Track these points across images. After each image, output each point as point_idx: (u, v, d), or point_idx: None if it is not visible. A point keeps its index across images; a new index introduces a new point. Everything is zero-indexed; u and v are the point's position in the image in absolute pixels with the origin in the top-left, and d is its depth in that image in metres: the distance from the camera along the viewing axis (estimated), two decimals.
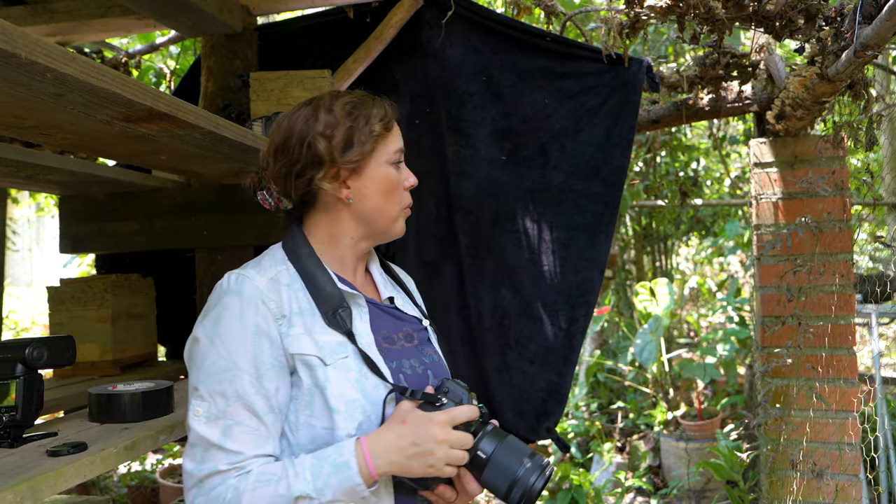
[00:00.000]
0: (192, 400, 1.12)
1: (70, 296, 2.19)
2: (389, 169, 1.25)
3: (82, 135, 1.43)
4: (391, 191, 1.25)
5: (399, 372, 1.21)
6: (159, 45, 3.06)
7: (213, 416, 1.09)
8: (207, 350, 1.12)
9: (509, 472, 1.12)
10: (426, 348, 1.31)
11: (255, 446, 1.09)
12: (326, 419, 1.12)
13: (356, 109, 1.24)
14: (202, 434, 1.08)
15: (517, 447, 1.15)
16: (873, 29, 1.33)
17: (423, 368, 1.25)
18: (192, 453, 1.09)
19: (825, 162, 2.30)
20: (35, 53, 0.95)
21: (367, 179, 1.24)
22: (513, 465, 1.12)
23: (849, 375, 2.25)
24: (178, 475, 4.02)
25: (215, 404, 1.09)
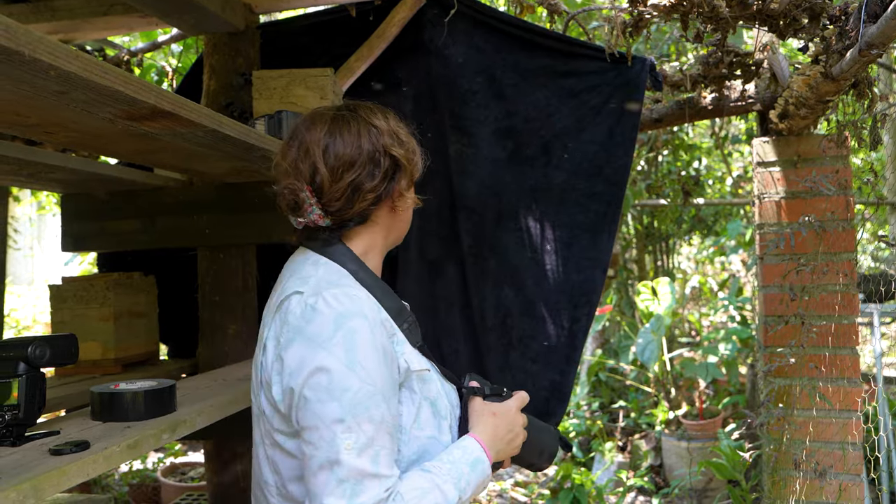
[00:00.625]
0: (337, 434, 1.04)
1: (72, 294, 2.19)
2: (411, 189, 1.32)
3: (85, 133, 1.43)
4: (413, 208, 1.33)
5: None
6: (161, 44, 3.06)
7: (363, 445, 1.04)
8: (347, 378, 1.05)
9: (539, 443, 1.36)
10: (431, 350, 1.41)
11: (392, 467, 1.08)
12: (432, 428, 1.19)
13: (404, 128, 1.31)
14: (356, 466, 1.03)
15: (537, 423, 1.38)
16: (878, 28, 1.32)
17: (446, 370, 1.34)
18: (342, 490, 1.02)
19: (828, 161, 2.30)
20: (38, 51, 0.95)
21: (408, 198, 1.29)
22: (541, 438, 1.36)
23: (852, 375, 2.25)
24: (179, 474, 4.02)
25: (364, 433, 1.05)
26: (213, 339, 2.31)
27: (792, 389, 2.27)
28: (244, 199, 2.21)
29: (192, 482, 3.79)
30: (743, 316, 5.14)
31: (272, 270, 2.38)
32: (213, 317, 2.30)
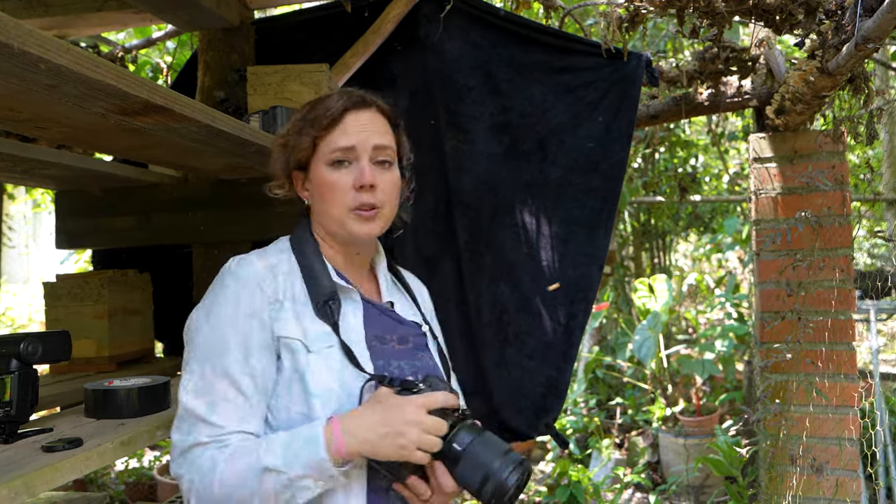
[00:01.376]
0: (184, 374, 1.17)
1: (66, 292, 2.18)
2: (326, 170, 1.24)
3: (77, 128, 1.42)
4: (327, 192, 1.24)
5: (385, 370, 1.21)
6: (156, 40, 3.04)
7: (201, 390, 1.14)
8: (201, 326, 1.18)
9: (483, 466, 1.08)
10: (421, 353, 1.29)
11: (238, 422, 1.13)
12: (303, 404, 1.14)
13: (311, 111, 1.28)
14: (189, 406, 1.13)
15: (494, 442, 1.12)
16: (874, 21, 1.32)
17: (413, 371, 1.24)
18: (180, 425, 1.15)
19: (825, 157, 2.29)
20: (28, 44, 0.94)
21: (313, 182, 1.27)
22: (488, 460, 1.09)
23: (848, 371, 2.25)
24: None
25: (204, 379, 1.14)
26: None
27: (789, 385, 2.27)
28: (239, 196, 2.20)
29: None
30: (740, 313, 5.15)
31: None
32: None
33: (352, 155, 1.24)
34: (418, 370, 1.24)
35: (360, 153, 1.24)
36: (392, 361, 1.23)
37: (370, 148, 1.24)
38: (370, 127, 1.26)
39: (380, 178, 1.24)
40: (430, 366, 1.28)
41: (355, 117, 1.25)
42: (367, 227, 1.24)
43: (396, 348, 1.25)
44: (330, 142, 1.24)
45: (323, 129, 1.24)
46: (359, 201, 1.22)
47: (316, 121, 1.25)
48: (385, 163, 1.26)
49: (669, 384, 5.11)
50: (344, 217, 1.23)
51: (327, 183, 1.24)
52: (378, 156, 1.25)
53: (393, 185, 1.27)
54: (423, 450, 1.09)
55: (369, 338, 1.23)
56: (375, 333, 1.24)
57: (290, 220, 2.20)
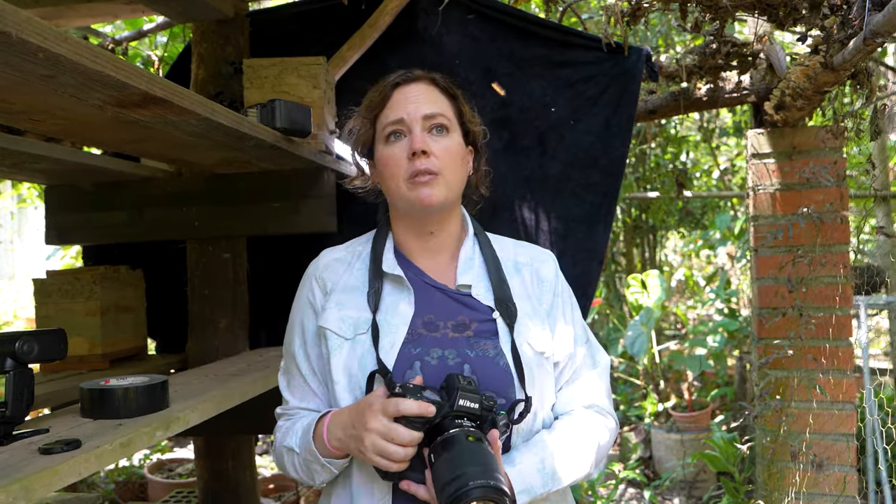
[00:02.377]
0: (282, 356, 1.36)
1: (57, 288, 2.14)
2: (382, 147, 1.24)
3: (73, 121, 1.38)
4: (384, 168, 1.23)
5: (419, 359, 1.17)
6: (147, 32, 2.99)
7: (284, 369, 1.34)
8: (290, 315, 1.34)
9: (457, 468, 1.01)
10: (482, 341, 1.19)
11: (301, 400, 1.28)
12: (332, 389, 1.21)
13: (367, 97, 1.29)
14: (279, 382, 1.34)
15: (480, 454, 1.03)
16: (885, 15, 1.30)
17: (458, 360, 1.17)
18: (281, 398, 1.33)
19: (825, 153, 2.29)
20: (26, 32, 0.91)
21: (378, 164, 1.27)
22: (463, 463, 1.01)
23: (847, 367, 2.25)
24: (166, 470, 3.97)
25: (285, 360, 1.33)
26: (202, 334, 2.27)
27: (787, 381, 2.27)
28: (235, 190, 2.17)
29: (179, 479, 3.74)
30: (731, 309, 5.16)
31: (263, 262, 2.36)
32: (203, 311, 2.26)
33: (403, 127, 1.21)
34: (468, 360, 1.17)
35: (412, 124, 1.21)
36: (433, 350, 1.17)
37: (420, 118, 1.21)
38: (420, 97, 1.23)
39: (434, 145, 1.20)
40: (489, 355, 1.19)
41: (403, 91, 1.24)
42: (426, 191, 1.18)
43: (450, 336, 1.19)
44: (383, 119, 1.24)
45: (376, 109, 1.25)
46: (413, 169, 1.19)
47: (370, 104, 1.26)
48: (441, 129, 1.22)
49: (661, 380, 5.12)
50: (403, 188, 1.21)
51: (384, 158, 1.23)
52: (431, 123, 1.22)
53: (449, 152, 1.22)
54: (386, 458, 1.05)
55: (416, 324, 1.20)
56: (426, 319, 1.21)
57: (286, 215, 2.19)
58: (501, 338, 1.21)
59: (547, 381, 1.25)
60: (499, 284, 1.26)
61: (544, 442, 1.20)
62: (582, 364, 1.32)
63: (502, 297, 1.24)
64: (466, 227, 1.33)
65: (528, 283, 1.31)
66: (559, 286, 1.34)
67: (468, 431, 1.06)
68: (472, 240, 1.31)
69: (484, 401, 1.09)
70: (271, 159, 1.98)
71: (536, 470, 1.15)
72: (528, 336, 1.23)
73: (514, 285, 1.28)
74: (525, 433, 1.20)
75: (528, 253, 1.37)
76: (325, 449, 1.15)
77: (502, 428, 1.12)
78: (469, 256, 1.28)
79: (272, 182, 2.14)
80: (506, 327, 1.22)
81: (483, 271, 1.28)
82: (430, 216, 1.24)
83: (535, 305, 1.28)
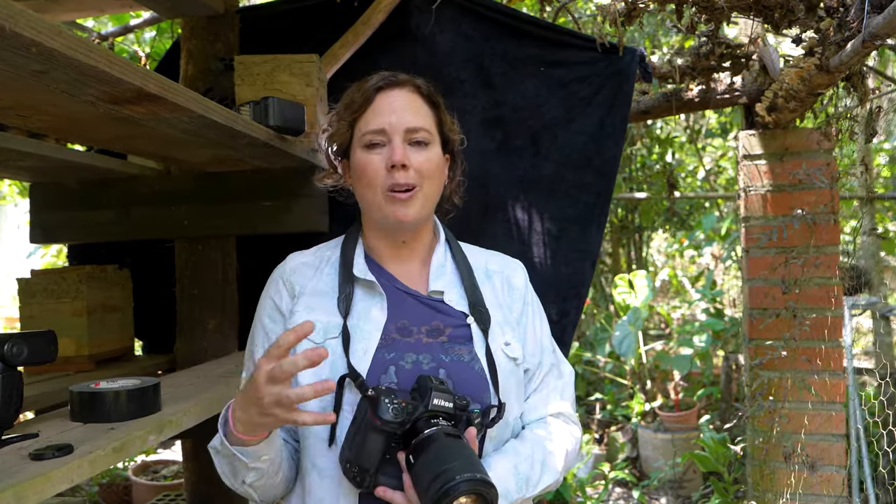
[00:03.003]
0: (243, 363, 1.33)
1: (42, 288, 2.09)
2: (360, 153, 1.22)
3: (61, 117, 1.35)
4: (362, 175, 1.21)
5: (394, 363, 1.15)
6: (133, 27, 2.94)
7: (246, 377, 1.29)
8: (253, 319, 1.30)
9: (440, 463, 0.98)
10: (457, 346, 1.19)
11: None
12: None
13: (347, 96, 1.26)
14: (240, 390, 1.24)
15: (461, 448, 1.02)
16: (885, 18, 1.31)
17: (433, 365, 1.16)
18: None
19: (817, 155, 2.30)
20: (20, 25, 0.87)
21: (352, 167, 1.25)
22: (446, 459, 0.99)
23: (837, 367, 2.26)
24: (150, 472, 3.91)
25: (248, 369, 1.30)
26: (191, 334, 2.23)
27: (781, 382, 2.28)
28: (225, 189, 2.14)
29: (164, 481, 3.70)
30: (717, 309, 5.19)
31: (253, 262, 2.33)
32: (192, 311, 2.23)
33: (384, 137, 1.20)
34: (442, 365, 1.17)
35: (393, 135, 1.19)
36: (407, 355, 1.16)
37: (402, 130, 1.19)
38: (404, 107, 1.21)
39: (414, 158, 1.19)
40: (463, 360, 1.18)
41: (387, 97, 1.22)
42: (402, 209, 1.18)
43: (424, 341, 1.19)
44: (363, 124, 1.22)
45: (356, 112, 1.23)
46: (392, 181, 1.18)
47: (351, 104, 1.24)
48: (421, 143, 1.21)
49: (648, 379, 5.14)
50: (379, 200, 1.19)
51: (361, 165, 1.21)
52: (412, 137, 1.20)
53: (430, 165, 1.21)
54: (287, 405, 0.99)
55: (389, 329, 1.18)
56: (400, 324, 1.20)
57: (277, 214, 2.16)
58: (476, 343, 1.21)
59: (518, 389, 1.25)
60: (472, 290, 1.26)
61: (517, 449, 1.21)
62: (549, 373, 1.33)
63: (476, 303, 1.25)
64: (438, 234, 1.33)
65: (499, 290, 1.32)
66: (529, 295, 1.36)
67: (446, 429, 1.05)
68: (443, 246, 1.31)
69: (457, 400, 1.09)
70: (263, 158, 1.95)
71: (511, 475, 1.15)
72: (501, 342, 1.24)
73: (486, 293, 1.28)
74: (496, 441, 1.20)
75: (498, 261, 1.38)
76: (234, 437, 1.07)
77: (478, 426, 1.11)
78: (441, 263, 1.28)
79: (264, 181, 2.12)
80: (480, 332, 1.22)
81: (455, 278, 1.28)
82: (404, 230, 1.24)
83: (505, 313, 1.29)
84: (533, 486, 1.18)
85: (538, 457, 1.21)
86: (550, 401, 1.31)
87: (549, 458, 1.22)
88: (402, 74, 1.26)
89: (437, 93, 1.29)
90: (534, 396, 1.31)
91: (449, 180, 1.33)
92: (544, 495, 3.58)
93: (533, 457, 1.20)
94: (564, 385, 1.35)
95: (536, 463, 1.20)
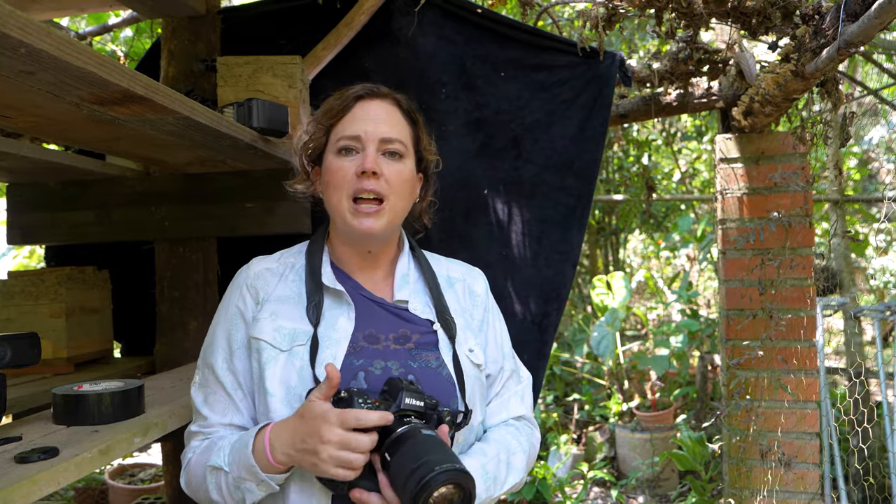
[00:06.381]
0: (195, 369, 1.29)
1: (20, 290, 2.06)
2: (332, 158, 1.23)
3: (45, 118, 1.34)
4: (331, 179, 1.22)
5: (363, 370, 1.17)
6: (112, 27, 2.91)
7: (200, 384, 1.26)
8: (211, 325, 1.29)
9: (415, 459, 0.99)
10: (425, 353, 1.22)
11: (222, 415, 1.22)
12: (263, 402, 1.16)
13: (327, 102, 1.28)
14: (194, 398, 1.26)
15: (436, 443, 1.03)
16: (859, 26, 1.34)
17: (401, 371, 1.18)
18: (193, 415, 1.27)
19: (790, 158, 2.35)
20: (8, 26, 0.87)
21: (325, 173, 1.26)
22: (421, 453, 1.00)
23: (811, 367, 2.31)
24: (127, 476, 3.87)
25: (202, 374, 1.26)
26: (171, 336, 2.21)
27: (758, 381, 2.32)
28: (206, 191, 2.13)
29: (142, 484, 3.66)
30: (693, 310, 5.26)
31: (234, 264, 2.32)
32: (172, 313, 2.21)
33: (358, 144, 1.22)
34: (411, 371, 1.19)
35: (367, 142, 1.21)
36: (376, 361, 1.18)
37: (377, 139, 1.21)
38: (382, 117, 1.23)
39: (385, 168, 1.21)
40: (431, 366, 1.21)
41: (366, 106, 1.24)
42: (367, 222, 1.20)
43: (392, 348, 1.21)
44: (339, 129, 1.24)
45: (334, 118, 1.24)
46: (360, 187, 1.19)
47: (329, 110, 1.25)
48: (395, 154, 1.23)
49: (626, 380, 5.19)
50: (345, 209, 1.21)
51: (332, 169, 1.22)
52: (386, 147, 1.22)
53: (400, 178, 1.23)
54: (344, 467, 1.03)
55: (357, 337, 1.20)
56: (367, 332, 1.21)
57: (259, 216, 2.15)
58: (442, 349, 1.24)
59: (481, 394, 1.29)
60: (437, 298, 1.30)
61: (483, 450, 1.24)
62: (509, 378, 1.37)
63: (442, 311, 1.28)
64: (402, 245, 1.36)
65: (461, 297, 1.35)
66: (489, 302, 1.40)
67: (419, 426, 1.07)
68: (407, 256, 1.34)
69: (427, 399, 1.11)
70: (246, 159, 1.95)
71: (480, 475, 1.17)
72: (465, 349, 1.27)
73: (449, 300, 1.32)
74: (462, 444, 1.23)
75: (460, 269, 1.41)
76: (266, 464, 1.08)
77: (449, 423, 1.14)
78: (404, 273, 1.31)
79: (246, 182, 2.11)
80: (447, 339, 1.25)
81: (420, 286, 1.32)
82: (370, 241, 1.26)
83: (468, 320, 1.33)
84: (500, 485, 1.21)
85: (503, 457, 1.24)
86: (511, 405, 1.35)
87: (513, 458, 1.25)
88: (385, 88, 1.28)
89: (416, 111, 1.31)
90: (495, 401, 1.34)
91: (420, 199, 1.35)
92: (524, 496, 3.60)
93: (499, 457, 1.23)
94: (524, 389, 1.39)
95: (502, 463, 1.23)
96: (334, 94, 1.28)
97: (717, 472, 3.15)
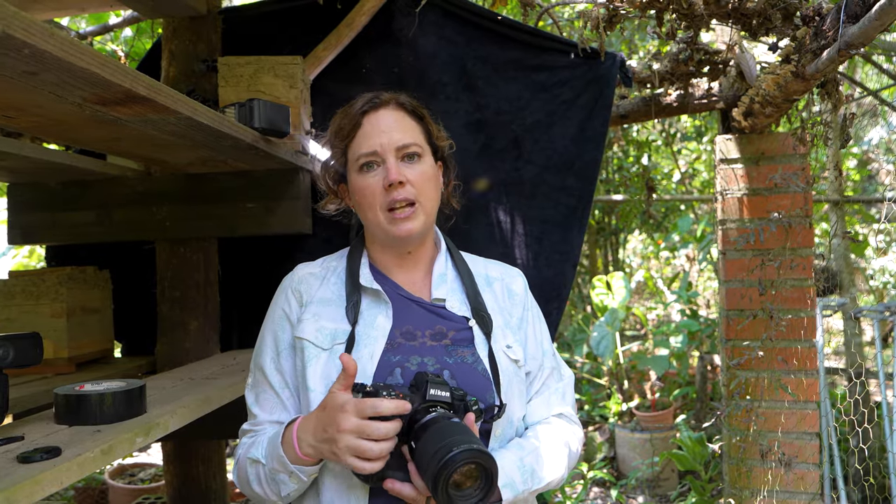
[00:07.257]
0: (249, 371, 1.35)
1: (21, 290, 2.06)
2: (356, 177, 1.27)
3: (47, 118, 1.34)
4: (361, 198, 1.27)
5: (400, 366, 1.20)
6: (112, 27, 2.91)
7: (251, 384, 1.32)
8: (261, 330, 1.34)
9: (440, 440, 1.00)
10: (460, 349, 1.23)
11: (270, 413, 1.27)
12: (306, 398, 1.21)
13: (336, 123, 1.32)
14: (247, 398, 1.32)
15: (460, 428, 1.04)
16: (860, 28, 1.35)
17: (437, 367, 1.20)
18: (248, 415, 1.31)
19: (790, 159, 2.35)
20: (13, 27, 0.87)
21: (351, 191, 1.31)
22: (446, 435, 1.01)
23: (811, 367, 2.31)
24: (127, 475, 3.87)
25: (254, 376, 1.32)
26: (172, 336, 2.22)
27: (758, 382, 2.33)
28: (207, 191, 2.13)
29: (142, 484, 3.66)
30: (693, 310, 5.26)
31: (234, 263, 2.32)
32: (173, 312, 2.22)
33: (377, 158, 1.25)
34: (447, 367, 1.21)
35: (385, 154, 1.25)
36: (413, 358, 1.21)
37: (394, 148, 1.25)
38: (391, 126, 1.26)
39: (409, 173, 1.24)
40: (467, 362, 1.22)
41: (374, 119, 1.27)
42: (406, 226, 1.24)
43: (428, 344, 1.23)
44: (355, 148, 1.27)
45: (347, 138, 1.28)
46: (391, 199, 1.23)
47: (340, 131, 1.29)
48: (413, 156, 1.26)
49: (625, 380, 5.20)
50: (381, 220, 1.25)
51: (359, 189, 1.27)
52: (404, 153, 1.26)
53: (425, 177, 1.26)
54: (362, 457, 1.05)
55: (394, 334, 1.23)
56: (405, 330, 1.24)
57: (260, 216, 2.16)
58: (478, 345, 1.26)
59: (520, 390, 1.29)
60: (474, 297, 1.32)
61: (521, 444, 1.25)
62: (550, 376, 1.38)
63: (478, 308, 1.30)
64: (439, 244, 1.39)
65: (500, 296, 1.37)
66: (529, 301, 1.42)
67: (444, 414, 1.09)
68: (444, 255, 1.37)
69: (454, 391, 1.13)
70: (247, 159, 1.95)
71: (517, 467, 1.19)
72: (503, 345, 1.28)
73: (487, 299, 1.34)
74: (501, 439, 1.24)
75: (498, 269, 1.44)
76: (295, 456, 1.13)
77: (476, 412, 1.14)
78: (442, 272, 1.34)
79: (247, 182, 2.11)
80: (482, 335, 1.27)
81: (457, 285, 1.34)
82: (408, 244, 1.30)
83: (506, 318, 1.34)
84: (538, 479, 1.22)
85: (542, 452, 1.24)
86: (552, 403, 1.36)
87: (553, 454, 1.26)
88: (385, 93, 1.31)
89: (420, 105, 1.34)
90: (536, 399, 1.35)
91: (445, 186, 1.38)
92: None
93: (538, 451, 1.24)
94: (565, 387, 1.40)
95: (541, 458, 1.23)
96: (339, 113, 1.32)
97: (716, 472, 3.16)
